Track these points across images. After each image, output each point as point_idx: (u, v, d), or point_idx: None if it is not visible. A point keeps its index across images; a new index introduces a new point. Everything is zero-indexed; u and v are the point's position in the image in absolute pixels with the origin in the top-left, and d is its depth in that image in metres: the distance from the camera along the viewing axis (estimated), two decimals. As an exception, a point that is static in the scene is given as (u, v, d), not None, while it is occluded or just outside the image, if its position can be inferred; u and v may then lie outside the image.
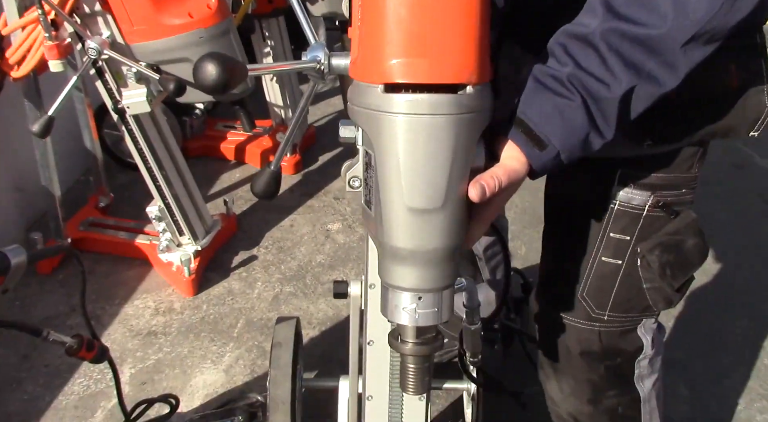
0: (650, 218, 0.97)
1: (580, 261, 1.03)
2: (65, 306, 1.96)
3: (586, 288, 1.04)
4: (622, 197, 0.97)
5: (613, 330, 1.06)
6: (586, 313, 1.05)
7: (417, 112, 0.69)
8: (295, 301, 2.04)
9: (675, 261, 0.99)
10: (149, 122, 1.88)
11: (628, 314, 1.04)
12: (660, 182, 0.96)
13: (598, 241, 1.00)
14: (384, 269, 0.77)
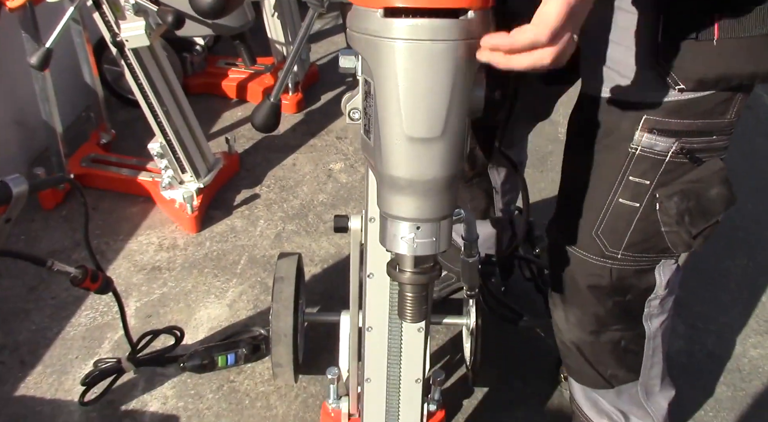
0: (672, 164, 0.95)
1: (597, 200, 1.02)
2: (70, 241, 1.98)
3: (602, 227, 1.03)
4: (645, 143, 0.95)
5: (626, 268, 1.06)
6: (599, 250, 1.05)
7: (417, 37, 0.68)
8: (297, 239, 2.05)
9: (695, 208, 0.97)
10: (149, 57, 1.85)
11: (645, 254, 1.04)
12: (687, 129, 0.93)
13: (617, 183, 1.00)
14: (383, 199, 0.77)
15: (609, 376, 1.20)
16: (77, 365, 1.65)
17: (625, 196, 1.00)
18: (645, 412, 1.27)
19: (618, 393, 1.24)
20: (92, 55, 2.15)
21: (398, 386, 1.16)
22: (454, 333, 1.75)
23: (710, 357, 1.72)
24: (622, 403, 1.26)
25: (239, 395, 1.60)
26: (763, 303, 1.87)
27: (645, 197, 0.99)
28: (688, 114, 0.91)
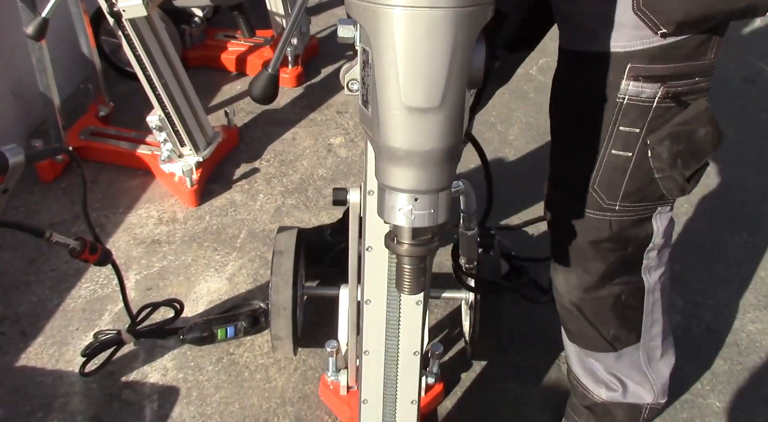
0: (660, 109, 0.97)
1: (591, 155, 1.03)
2: (69, 214, 1.98)
3: (597, 180, 1.04)
4: (632, 91, 0.96)
5: (625, 219, 1.07)
6: (597, 204, 1.06)
7: (416, 4, 0.67)
8: (297, 213, 2.05)
9: (686, 150, 0.99)
10: (147, 28, 1.83)
11: (641, 203, 1.06)
12: (670, 73, 0.94)
13: (608, 135, 1.00)
14: (381, 170, 0.77)
15: (611, 338, 1.21)
16: (77, 336, 1.66)
17: (617, 147, 1.01)
18: (645, 378, 1.28)
19: (619, 357, 1.24)
20: (89, 26, 2.13)
21: (396, 359, 1.17)
22: (453, 307, 1.75)
23: (708, 332, 1.73)
24: (622, 368, 1.26)
25: (239, 367, 1.61)
26: (762, 278, 1.87)
27: (636, 145, 1.00)
28: (670, 58, 0.93)
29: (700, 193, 2.13)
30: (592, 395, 1.33)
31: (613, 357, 1.25)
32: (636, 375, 1.28)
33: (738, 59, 2.74)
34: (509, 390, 1.58)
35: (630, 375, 1.28)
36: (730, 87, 2.59)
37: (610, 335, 1.20)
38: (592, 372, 1.31)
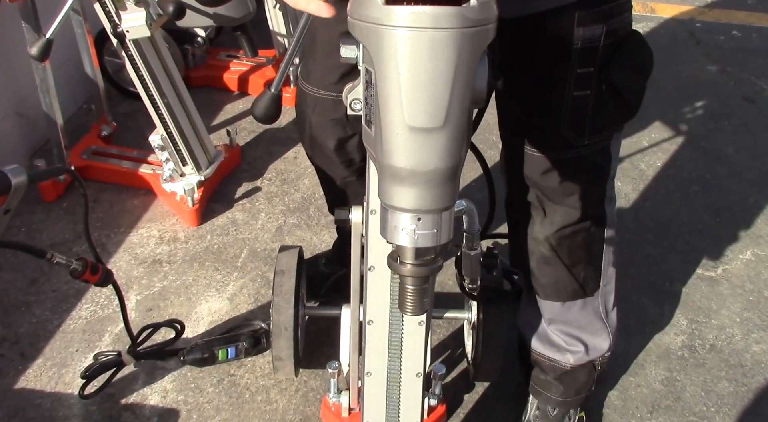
0: (606, 47, 1.07)
1: (556, 102, 1.12)
2: (71, 234, 1.98)
3: (566, 123, 1.13)
4: (583, 35, 1.06)
5: (593, 151, 1.18)
6: (568, 143, 1.16)
7: (419, 25, 0.67)
8: (298, 232, 2.05)
9: (632, 75, 1.12)
10: (150, 48, 1.84)
11: (602, 132, 1.17)
12: (608, 13, 1.06)
13: (568, 80, 1.09)
14: (384, 190, 0.76)
15: (582, 280, 1.31)
16: (77, 358, 1.65)
17: (577, 89, 1.10)
18: (603, 326, 1.40)
19: (584, 305, 1.35)
20: (93, 46, 2.14)
21: (399, 380, 1.16)
22: (456, 327, 1.74)
23: (712, 352, 1.72)
24: (584, 317, 1.37)
25: (239, 389, 1.59)
26: (766, 298, 1.86)
27: (593, 82, 1.10)
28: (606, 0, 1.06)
29: (703, 211, 2.13)
30: (561, 364, 1.43)
31: (578, 307, 1.35)
32: (596, 323, 1.39)
33: (737, 78, 2.76)
34: (512, 411, 1.56)
35: (588, 326, 1.39)
36: (730, 105, 2.60)
37: (581, 277, 1.31)
38: (551, 342, 1.42)
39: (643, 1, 3.37)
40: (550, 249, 1.28)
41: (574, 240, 1.27)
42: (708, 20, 3.20)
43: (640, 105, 1.16)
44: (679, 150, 2.39)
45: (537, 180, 1.22)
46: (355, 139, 1.39)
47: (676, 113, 2.56)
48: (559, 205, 1.24)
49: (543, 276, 1.33)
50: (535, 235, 1.29)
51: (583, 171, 1.21)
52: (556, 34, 1.07)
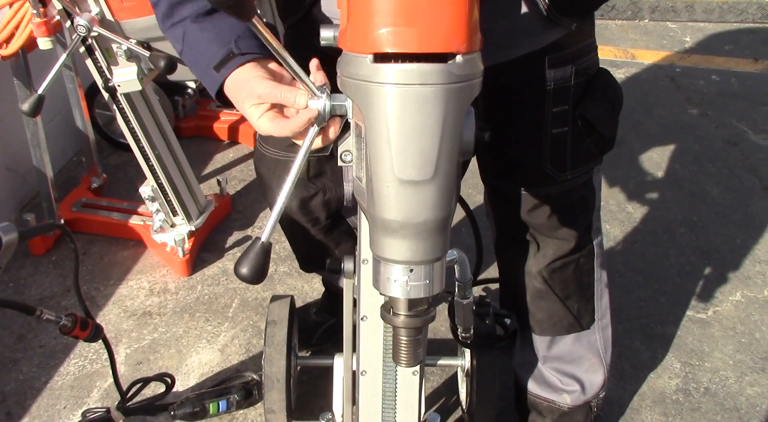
0: (576, 85, 1.13)
1: (535, 141, 1.16)
2: (60, 287, 1.96)
3: (548, 161, 1.18)
4: (555, 77, 1.11)
5: (577, 184, 1.22)
6: (552, 179, 1.20)
7: (406, 82, 0.69)
8: (290, 281, 2.04)
9: (606, 109, 1.18)
10: (141, 101, 1.86)
11: (583, 166, 1.21)
12: (576, 54, 1.12)
13: (546, 119, 1.14)
14: (375, 242, 0.77)
15: (577, 313, 1.33)
16: (65, 415, 1.61)
17: (555, 127, 1.15)
18: (599, 360, 1.41)
19: (578, 339, 1.37)
20: (84, 99, 2.17)
21: (394, 431, 1.14)
22: (449, 374, 1.73)
23: (707, 396, 1.71)
24: (580, 350, 1.38)
25: (231, 442, 1.57)
26: (758, 340, 1.86)
27: (568, 119, 1.15)
28: (574, 42, 1.11)
29: (691, 252, 2.14)
30: (558, 404, 1.43)
31: (574, 339, 1.36)
32: (592, 358, 1.40)
33: (718, 121, 2.81)
34: (509, 460, 1.54)
35: (584, 361, 1.40)
36: (712, 148, 2.65)
37: (575, 310, 1.33)
38: (547, 382, 1.42)
39: (624, 48, 3.46)
40: (543, 282, 1.30)
41: (565, 272, 1.30)
42: (687, 65, 3.28)
43: (615, 137, 1.22)
44: (665, 192, 2.42)
45: (525, 217, 1.25)
46: (319, 197, 1.37)
47: (660, 156, 2.60)
48: (550, 238, 1.27)
49: (538, 311, 1.34)
50: (529, 270, 1.31)
51: (570, 204, 1.25)
52: (531, 78, 1.12)
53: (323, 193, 1.36)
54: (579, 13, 1.08)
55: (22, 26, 1.64)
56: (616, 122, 1.21)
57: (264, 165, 1.36)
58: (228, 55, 0.88)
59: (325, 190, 1.36)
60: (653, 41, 3.54)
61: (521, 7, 1.04)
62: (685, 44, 3.50)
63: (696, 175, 2.50)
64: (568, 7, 1.04)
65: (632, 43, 3.52)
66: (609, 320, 1.41)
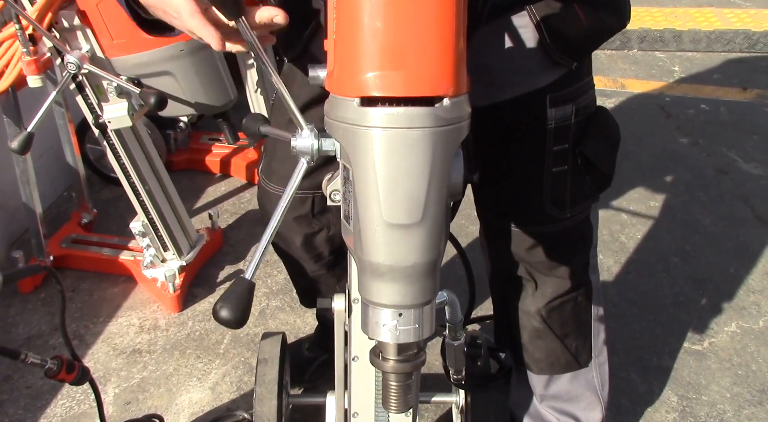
0: (576, 124, 1.13)
1: (535, 179, 1.16)
2: (48, 326, 1.93)
3: (548, 199, 1.17)
4: (555, 116, 1.11)
5: (576, 222, 1.21)
6: (552, 218, 1.19)
7: (393, 125, 0.68)
8: (281, 315, 2.02)
9: (605, 147, 1.18)
10: (131, 136, 1.86)
11: (583, 204, 1.21)
12: (576, 93, 1.12)
13: (546, 157, 1.14)
14: (363, 285, 0.76)
15: (575, 350, 1.32)
16: (51, 457, 1.58)
17: (555, 165, 1.15)
18: (596, 397, 1.39)
19: (575, 377, 1.35)
20: (74, 135, 2.16)
21: (387, 474, 1.12)
22: (444, 410, 1.70)
23: (706, 429, 1.69)
24: (577, 388, 1.37)
25: (222, 484, 1.53)
26: (755, 372, 1.84)
27: (569, 157, 1.14)
28: (574, 81, 1.11)
29: (684, 282, 2.14)
30: None
31: (571, 377, 1.35)
32: (589, 396, 1.38)
33: (709, 150, 2.83)
34: None
35: (581, 399, 1.38)
36: (704, 177, 2.66)
37: (573, 348, 1.32)
38: (538, 415, 1.41)
39: (614, 77, 3.49)
40: (541, 321, 1.29)
41: (564, 310, 1.28)
42: (677, 94, 3.31)
43: (613, 173, 1.22)
44: (658, 221, 2.42)
45: (523, 255, 1.24)
46: (323, 233, 1.38)
47: (652, 185, 2.61)
48: (548, 276, 1.26)
49: (536, 350, 1.33)
50: (526, 309, 1.30)
51: (568, 242, 1.24)
52: (532, 116, 1.12)
53: (327, 229, 1.37)
54: (580, 53, 1.09)
55: (12, 65, 1.64)
56: (614, 159, 1.21)
57: (268, 201, 1.37)
58: None
59: (329, 226, 1.37)
60: (642, 71, 3.57)
61: (523, 45, 1.05)
62: (674, 74, 3.54)
63: (688, 203, 2.51)
64: (569, 47, 1.05)
65: (622, 72, 3.55)
66: (606, 357, 1.40)
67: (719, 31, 3.74)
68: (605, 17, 1.07)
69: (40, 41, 1.64)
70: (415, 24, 0.67)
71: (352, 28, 0.68)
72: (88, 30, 1.62)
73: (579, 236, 1.25)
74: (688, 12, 4.02)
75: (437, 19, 0.67)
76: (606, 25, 1.08)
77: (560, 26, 1.03)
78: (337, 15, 0.70)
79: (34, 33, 1.60)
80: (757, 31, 3.71)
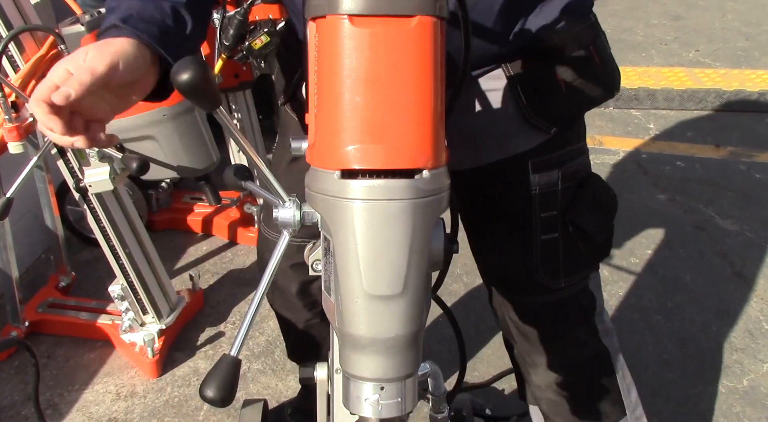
0: (565, 190, 1.09)
1: (524, 247, 1.12)
2: (21, 395, 1.88)
3: (538, 268, 1.12)
4: (540, 181, 1.08)
5: (572, 292, 1.16)
6: (545, 288, 1.13)
7: (374, 197, 0.69)
8: (263, 379, 1.98)
9: (599, 216, 1.13)
10: (112, 200, 1.85)
11: (579, 273, 1.15)
12: (563, 158, 1.08)
13: (533, 224, 1.10)
14: (344, 358, 0.75)
15: (603, 416, 1.24)
16: None
17: (545, 233, 1.10)
18: None
19: None
20: (54, 196, 2.15)
21: None
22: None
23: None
24: None
25: None
26: (743, 430, 1.83)
27: (558, 225, 1.10)
28: (560, 146, 1.08)
29: (668, 340, 2.13)
30: None
31: None
32: None
33: (686, 207, 2.87)
34: None
35: None
36: (682, 233, 2.69)
37: (599, 412, 1.24)
38: None
39: (591, 134, 3.56)
40: (556, 393, 1.23)
41: (579, 379, 1.23)
42: (653, 152, 3.38)
43: (611, 243, 1.16)
44: (639, 278, 2.43)
45: (522, 325, 1.19)
46: (319, 281, 1.37)
47: (632, 242, 2.63)
48: (554, 348, 1.20)
49: (557, 416, 1.26)
50: (537, 383, 1.24)
51: (567, 312, 1.18)
52: (514, 182, 1.09)
53: None
54: (561, 119, 1.05)
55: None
56: (610, 228, 1.15)
57: (266, 249, 1.35)
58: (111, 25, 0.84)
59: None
60: (619, 128, 3.66)
61: (499, 107, 1.03)
62: (650, 131, 3.62)
63: (668, 260, 2.53)
64: (548, 112, 1.02)
65: (599, 129, 3.63)
66: (642, 411, 1.31)
67: (691, 89, 3.86)
68: (589, 88, 1.04)
69: (23, 108, 1.65)
70: (393, 99, 0.68)
71: (333, 103, 0.69)
72: (72, 95, 1.63)
73: (578, 306, 1.19)
74: (661, 71, 4.14)
75: (415, 94, 0.69)
76: (588, 97, 1.05)
77: (537, 90, 1.01)
78: (317, 90, 0.71)
79: (16, 100, 1.60)
80: (727, 90, 3.83)
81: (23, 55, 1.60)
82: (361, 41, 0.67)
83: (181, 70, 0.69)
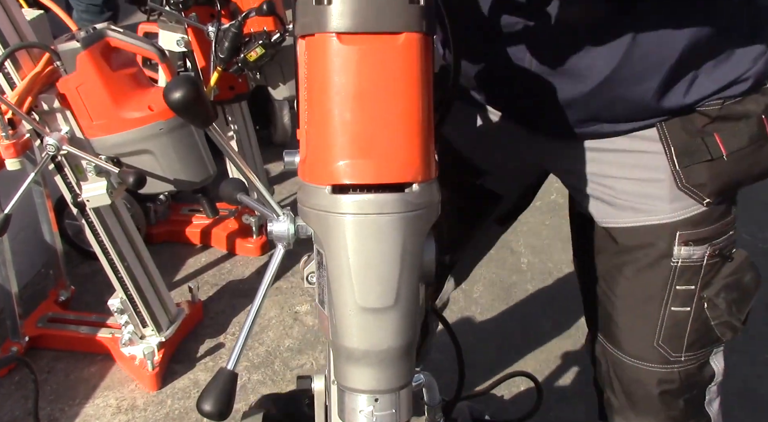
0: (710, 266, 1.05)
1: (651, 314, 1.08)
2: (21, 411, 1.88)
3: (661, 337, 1.09)
4: (684, 255, 1.03)
5: (690, 367, 1.11)
6: (664, 358, 1.10)
7: (364, 211, 0.70)
8: (263, 390, 1.98)
9: (738, 297, 1.08)
10: (110, 214, 1.86)
11: (702, 349, 1.11)
12: (714, 233, 1.03)
13: (666, 295, 1.06)
14: (338, 371, 0.76)
15: None
16: None
17: (675, 305, 1.07)
18: None
19: None
20: (52, 211, 2.16)
21: None
22: (431, 486, 1.66)
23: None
24: None
25: None
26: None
27: (694, 301, 1.06)
28: (712, 220, 1.03)
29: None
30: None
31: None
32: None
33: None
34: None
35: None
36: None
37: None
38: None
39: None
40: None
41: None
42: None
43: (745, 324, 1.11)
44: None
45: (626, 386, 1.16)
46: None
47: None
48: (648, 415, 1.16)
49: None
50: None
51: (681, 386, 1.13)
52: (654, 251, 1.04)
53: None
54: (717, 192, 0.99)
55: (-10, 147, 1.65)
56: (746, 311, 1.10)
57: None
58: None
59: None
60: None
61: (649, 168, 1.00)
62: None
63: None
64: (702, 181, 0.97)
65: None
66: None
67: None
68: (755, 163, 0.99)
69: (20, 124, 1.66)
70: (382, 114, 0.69)
71: (323, 119, 0.70)
72: (68, 112, 1.64)
73: (695, 380, 1.13)
74: None
75: (403, 109, 0.70)
76: (753, 172, 1.00)
77: (694, 156, 0.97)
78: (308, 107, 0.73)
79: (13, 117, 1.62)
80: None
81: (19, 71, 1.61)
82: (349, 58, 0.68)
83: (174, 89, 0.70)
